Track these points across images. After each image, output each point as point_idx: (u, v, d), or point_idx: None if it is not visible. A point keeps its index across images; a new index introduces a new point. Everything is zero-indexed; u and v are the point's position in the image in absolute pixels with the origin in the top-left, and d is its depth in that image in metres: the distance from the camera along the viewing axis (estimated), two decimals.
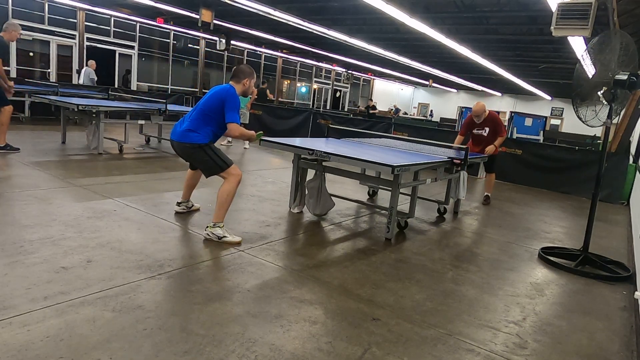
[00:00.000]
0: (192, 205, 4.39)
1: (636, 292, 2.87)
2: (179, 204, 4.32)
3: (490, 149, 6.14)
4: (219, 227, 3.63)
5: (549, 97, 27.33)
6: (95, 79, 12.49)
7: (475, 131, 6.39)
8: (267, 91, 13.77)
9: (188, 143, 3.71)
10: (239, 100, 3.75)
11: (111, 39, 14.57)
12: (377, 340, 2.38)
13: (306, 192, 4.77)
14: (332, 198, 4.76)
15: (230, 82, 3.83)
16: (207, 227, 3.67)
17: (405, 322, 2.62)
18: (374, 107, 20.72)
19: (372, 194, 6.26)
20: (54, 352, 1.97)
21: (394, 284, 3.18)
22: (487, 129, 6.27)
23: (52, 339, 2.06)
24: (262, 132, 3.97)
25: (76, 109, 6.63)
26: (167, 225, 3.89)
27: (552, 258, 4.10)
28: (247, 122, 9.59)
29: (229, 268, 3.13)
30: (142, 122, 7.85)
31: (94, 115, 6.84)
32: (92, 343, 2.06)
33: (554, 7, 6.43)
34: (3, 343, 1.98)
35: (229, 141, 9.66)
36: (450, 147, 5.83)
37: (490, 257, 4.06)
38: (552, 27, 6.41)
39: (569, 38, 8.19)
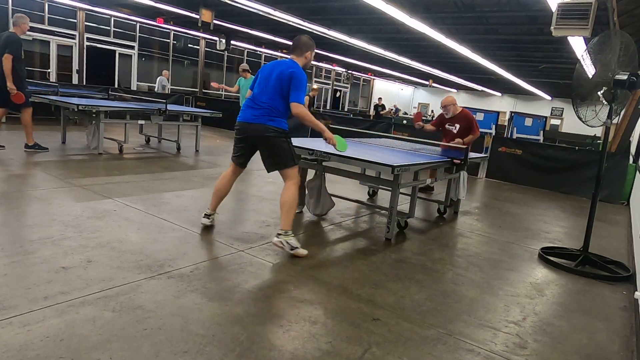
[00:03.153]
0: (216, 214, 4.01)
1: (636, 292, 2.87)
2: (207, 216, 3.89)
3: (458, 141, 5.95)
4: (292, 236, 3.49)
5: (549, 97, 27.33)
6: (169, 86, 13.57)
7: (447, 126, 6.32)
8: (306, 98, 13.55)
9: (274, 127, 3.45)
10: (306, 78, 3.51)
11: (111, 39, 14.57)
12: (377, 340, 2.38)
13: (306, 192, 4.77)
14: (332, 198, 4.76)
15: (291, 56, 3.58)
16: (279, 235, 3.48)
17: (405, 322, 2.62)
18: (382, 107, 20.59)
19: (372, 194, 6.26)
20: (54, 352, 1.97)
21: (394, 284, 3.18)
22: (458, 126, 6.19)
23: (52, 339, 2.06)
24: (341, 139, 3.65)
25: (76, 109, 6.64)
26: (167, 225, 3.88)
27: (552, 258, 4.10)
28: None
29: (229, 268, 3.13)
30: (142, 122, 7.86)
31: (94, 115, 6.85)
32: (92, 343, 2.06)
33: (554, 7, 6.43)
34: (3, 343, 1.98)
35: None
36: (450, 147, 5.83)
37: (490, 257, 4.06)
38: (552, 27, 6.42)
39: (569, 38, 8.20)
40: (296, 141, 4.51)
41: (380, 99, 22.41)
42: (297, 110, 3.40)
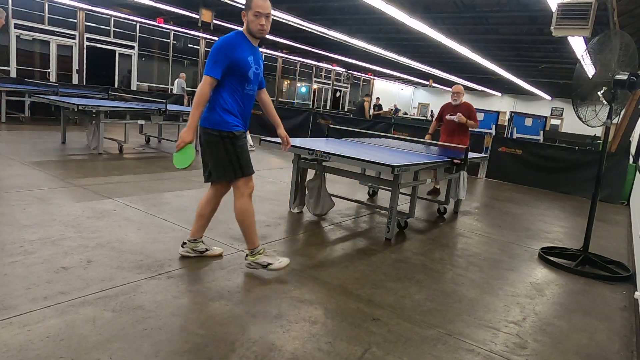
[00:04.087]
0: (207, 250, 3.23)
1: (636, 292, 2.87)
2: (184, 244, 3.20)
3: (462, 118, 6.08)
4: (260, 253, 3.07)
5: (549, 97, 27.35)
6: (186, 88, 14.25)
7: (448, 116, 6.29)
8: (366, 104, 13.01)
9: (206, 129, 2.86)
10: (233, 42, 2.82)
11: (111, 39, 14.57)
12: (377, 340, 2.38)
13: (306, 192, 4.77)
14: (332, 198, 4.76)
15: None
16: (247, 257, 3.08)
17: (405, 322, 2.62)
18: (379, 107, 20.53)
19: (372, 194, 6.26)
20: (54, 352, 1.97)
21: (394, 284, 3.18)
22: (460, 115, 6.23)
23: (52, 339, 2.06)
24: (191, 152, 2.82)
25: (76, 109, 6.63)
26: (167, 225, 3.88)
27: (552, 258, 4.10)
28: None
29: (229, 268, 3.13)
30: (142, 122, 7.85)
31: (94, 115, 6.85)
32: (92, 343, 2.06)
33: (554, 7, 6.43)
34: (3, 343, 1.98)
35: (251, 145, 8.14)
36: (450, 147, 5.83)
37: (490, 257, 4.06)
38: (552, 27, 6.42)
39: (569, 38, 8.19)
40: (296, 141, 4.52)
41: (378, 99, 22.38)
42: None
